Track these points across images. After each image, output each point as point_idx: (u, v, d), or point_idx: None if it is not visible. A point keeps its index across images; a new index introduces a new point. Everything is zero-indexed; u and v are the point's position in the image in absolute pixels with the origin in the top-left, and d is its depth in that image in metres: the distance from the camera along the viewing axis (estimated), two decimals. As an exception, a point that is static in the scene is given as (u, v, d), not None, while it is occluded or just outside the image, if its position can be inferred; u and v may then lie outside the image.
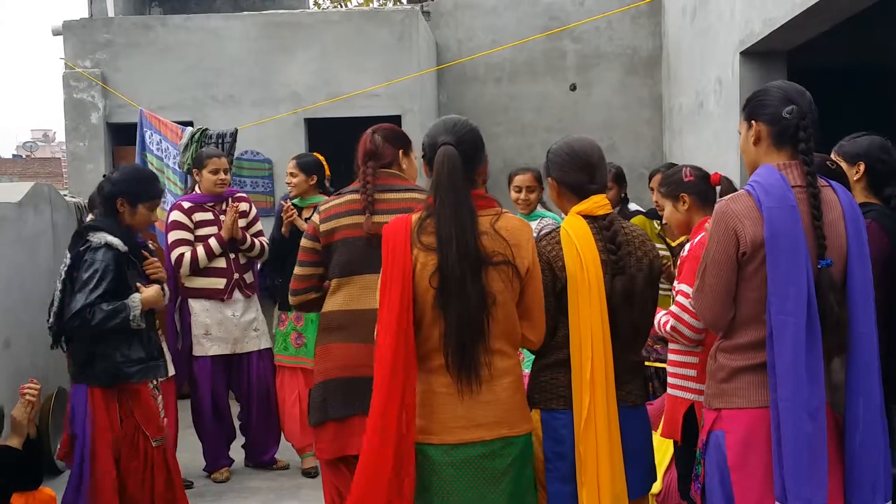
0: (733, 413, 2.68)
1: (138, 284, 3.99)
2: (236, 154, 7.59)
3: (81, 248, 3.92)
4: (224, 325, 5.42)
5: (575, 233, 2.93)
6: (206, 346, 5.42)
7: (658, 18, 9.39)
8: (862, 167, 3.35)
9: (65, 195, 6.79)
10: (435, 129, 2.80)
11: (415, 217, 2.74)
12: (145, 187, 4.06)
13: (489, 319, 2.64)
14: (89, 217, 4.96)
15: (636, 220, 5.21)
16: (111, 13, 8.91)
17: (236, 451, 5.74)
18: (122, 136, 7.94)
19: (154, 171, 6.76)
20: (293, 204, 5.53)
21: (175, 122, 7.15)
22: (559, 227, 3.01)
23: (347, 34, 7.87)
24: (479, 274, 2.62)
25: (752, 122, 2.75)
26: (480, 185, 2.95)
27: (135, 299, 3.88)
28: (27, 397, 3.70)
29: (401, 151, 3.54)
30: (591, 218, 2.98)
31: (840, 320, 2.58)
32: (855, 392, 2.65)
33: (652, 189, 5.19)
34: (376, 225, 3.21)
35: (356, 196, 3.43)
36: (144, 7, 9.98)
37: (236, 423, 5.74)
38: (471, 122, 2.83)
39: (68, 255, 3.96)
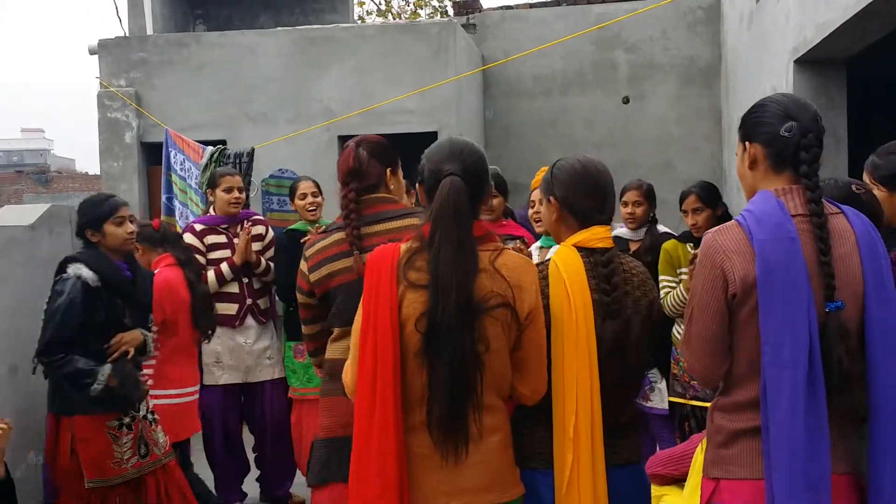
0: (733, 484, 2.27)
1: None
2: (268, 172, 7.42)
3: (56, 279, 3.89)
4: (236, 353, 5.18)
5: (566, 267, 2.57)
6: (216, 375, 5.18)
7: (717, 26, 8.91)
8: None
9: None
10: (438, 153, 2.44)
11: (404, 246, 2.41)
12: (98, 208, 3.97)
13: (482, 372, 2.29)
14: None
15: (668, 244, 4.77)
16: (150, 31, 8.83)
17: (251, 485, 5.48)
18: (157, 155, 7.79)
19: (178, 191, 6.61)
20: (294, 230, 5.28)
21: (209, 140, 6.99)
22: (548, 259, 2.65)
23: (383, 48, 7.61)
24: (474, 322, 2.27)
25: (747, 143, 2.35)
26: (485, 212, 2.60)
27: (104, 372, 3.80)
28: None
29: (388, 170, 3.11)
30: (587, 251, 2.62)
31: (850, 375, 2.15)
32: (881, 459, 2.21)
33: (685, 212, 4.75)
34: None
35: (342, 235, 3.00)
36: (188, 23, 9.90)
37: (251, 456, 5.49)
38: (478, 148, 2.48)
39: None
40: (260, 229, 5.34)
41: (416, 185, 2.51)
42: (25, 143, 51.34)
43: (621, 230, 5.02)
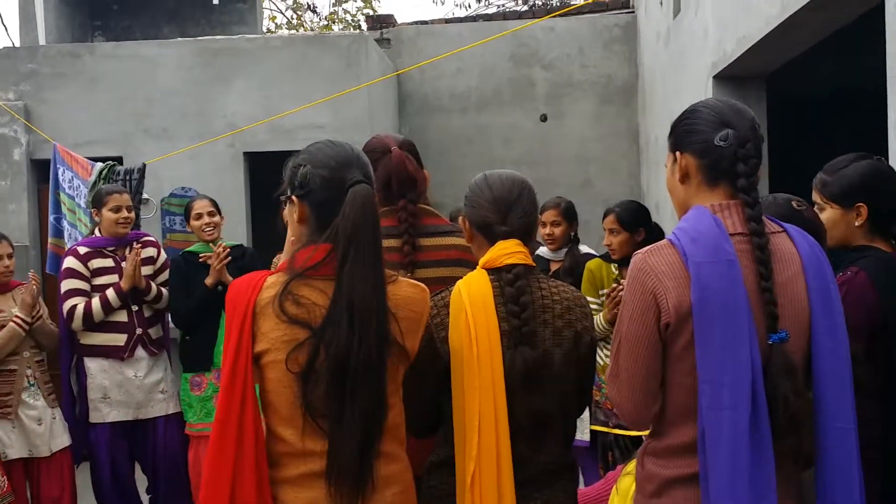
0: (665, 540, 2.00)
1: None
2: (170, 191, 6.98)
3: None
4: (124, 388, 4.73)
5: (469, 292, 2.27)
6: (103, 412, 4.73)
7: (633, 44, 8.79)
8: (864, 210, 2.55)
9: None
10: (333, 158, 2.06)
11: (271, 278, 2.05)
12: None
13: (385, 417, 1.99)
14: None
15: (592, 263, 4.52)
16: (42, 41, 8.30)
17: (144, 530, 5.03)
18: (47, 173, 7.25)
19: (67, 211, 6.13)
20: (191, 252, 4.91)
21: (104, 157, 6.52)
22: (453, 285, 2.35)
23: (290, 61, 7.25)
24: (382, 367, 1.96)
25: (678, 153, 2.08)
26: None
27: None
28: None
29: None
30: (496, 272, 2.32)
31: (797, 415, 1.88)
32: (828, 508, 1.96)
33: (607, 230, 4.50)
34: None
35: (395, 243, 2.62)
36: (86, 35, 9.37)
37: (145, 499, 5.04)
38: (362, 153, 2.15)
39: None
40: (151, 252, 4.92)
41: (288, 198, 2.14)
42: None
43: (542, 250, 4.80)
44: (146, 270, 4.83)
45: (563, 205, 4.73)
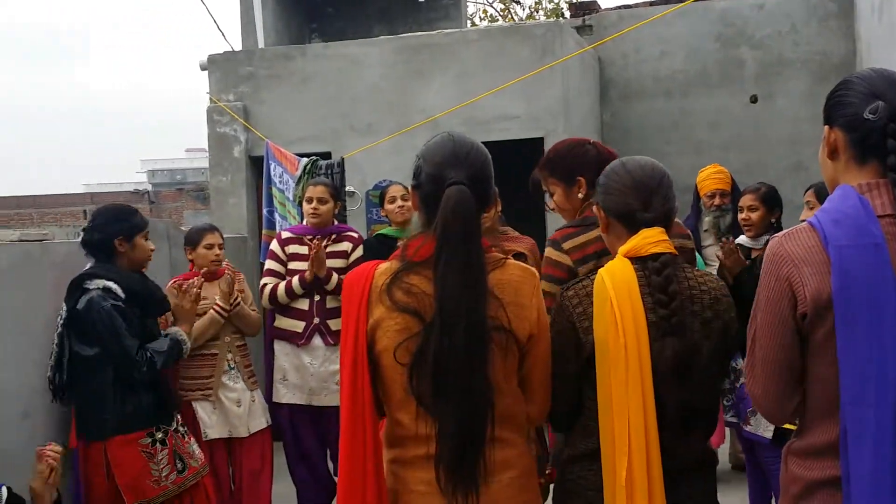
0: (814, 547, 1.87)
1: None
2: (373, 184, 7.28)
3: (79, 298, 3.82)
4: (300, 373, 4.97)
5: (614, 281, 2.21)
6: (281, 393, 5.02)
7: (850, 19, 8.19)
8: None
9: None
10: (440, 154, 2.12)
11: (383, 266, 2.13)
12: (133, 220, 3.91)
13: (492, 410, 2.00)
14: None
15: None
16: (261, 44, 8.87)
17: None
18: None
19: (278, 204, 6.54)
20: (384, 235, 5.05)
21: (313, 153, 6.90)
22: (595, 273, 2.30)
23: (486, 53, 7.34)
24: (485, 356, 1.98)
25: (827, 127, 1.94)
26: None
27: (179, 332, 3.89)
28: (48, 461, 3.41)
29: None
30: (640, 261, 2.25)
31: None
32: None
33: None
34: None
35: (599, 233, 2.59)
36: (303, 37, 9.92)
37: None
38: (483, 149, 2.17)
39: (65, 307, 3.86)
40: (345, 245, 5.08)
41: (411, 187, 2.20)
42: (189, 163, 53.69)
43: (742, 238, 4.64)
44: (337, 263, 4.99)
45: (763, 190, 4.55)
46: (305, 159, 6.37)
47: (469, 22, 14.57)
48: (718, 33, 8.52)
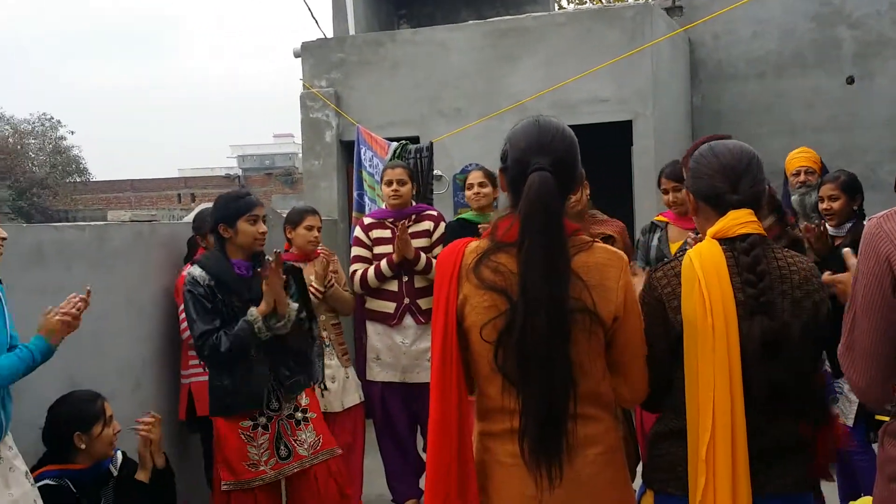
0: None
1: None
2: (460, 167, 7.38)
3: None
4: (393, 352, 5.10)
5: (702, 262, 2.25)
6: (374, 371, 5.16)
7: (956, -7, 7.93)
8: None
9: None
10: (525, 139, 2.15)
11: (473, 244, 2.21)
12: (234, 204, 3.91)
13: (575, 388, 2.05)
14: None
15: None
16: (352, 31, 9.03)
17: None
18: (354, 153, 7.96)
19: (368, 188, 6.68)
20: (465, 219, 5.13)
21: (401, 137, 7.03)
22: (683, 254, 2.35)
23: (575, 36, 7.34)
24: (566, 336, 2.03)
25: None
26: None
27: (252, 312, 3.79)
28: (141, 433, 3.63)
29: None
30: (729, 242, 2.29)
31: None
32: None
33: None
34: None
35: None
36: (392, 24, 10.06)
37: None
38: (569, 132, 2.19)
39: None
40: (427, 225, 5.19)
41: (499, 170, 2.27)
42: (277, 148, 54.71)
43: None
44: (421, 242, 5.09)
45: (843, 178, 4.49)
46: (395, 143, 6.49)
47: (557, 5, 14.50)
48: (814, 13, 8.34)
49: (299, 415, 4.05)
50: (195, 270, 3.86)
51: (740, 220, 2.27)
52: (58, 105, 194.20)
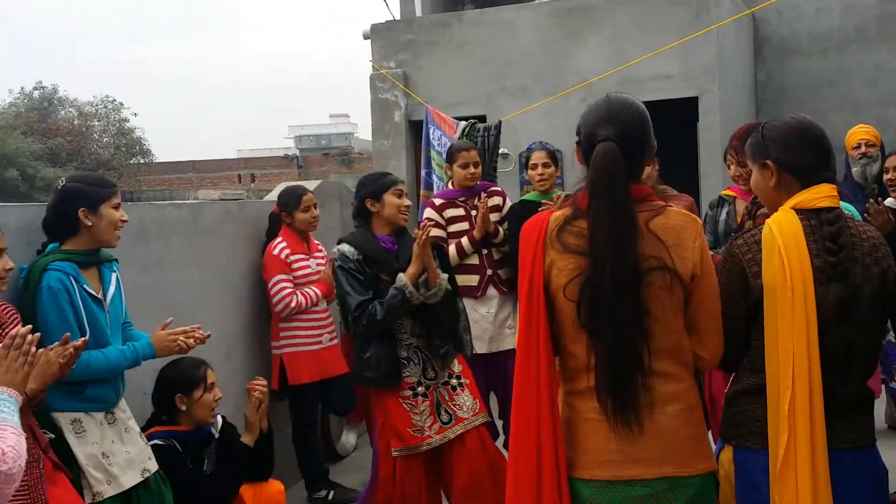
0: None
1: None
2: (526, 146, 7.51)
3: None
4: (479, 324, 5.26)
5: (781, 230, 2.39)
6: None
7: None
8: None
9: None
10: (596, 113, 2.30)
11: (557, 213, 2.38)
12: (380, 180, 4.09)
13: (647, 341, 2.20)
14: None
15: None
16: (419, 13, 9.20)
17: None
18: (422, 133, 8.13)
19: (436, 166, 6.87)
20: (526, 201, 5.28)
21: (468, 116, 7.19)
22: (762, 223, 2.49)
23: (641, 14, 7.42)
24: (635, 291, 2.18)
25: None
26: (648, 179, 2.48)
27: (400, 278, 3.92)
28: (255, 395, 3.85)
29: None
30: (807, 213, 2.43)
31: None
32: None
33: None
34: None
35: None
36: (457, 5, 10.19)
37: (499, 424, 5.61)
38: (638, 107, 2.32)
39: None
40: (497, 200, 5.36)
41: (575, 144, 2.42)
42: (333, 128, 55.25)
43: (889, 200, 4.65)
44: (493, 217, 5.25)
45: None
46: (464, 122, 6.66)
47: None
48: (880, -14, 8.30)
49: (454, 381, 4.17)
50: (344, 247, 4.02)
51: (825, 194, 2.40)
52: (120, 87, 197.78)
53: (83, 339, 2.95)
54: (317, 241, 5.12)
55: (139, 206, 4.15)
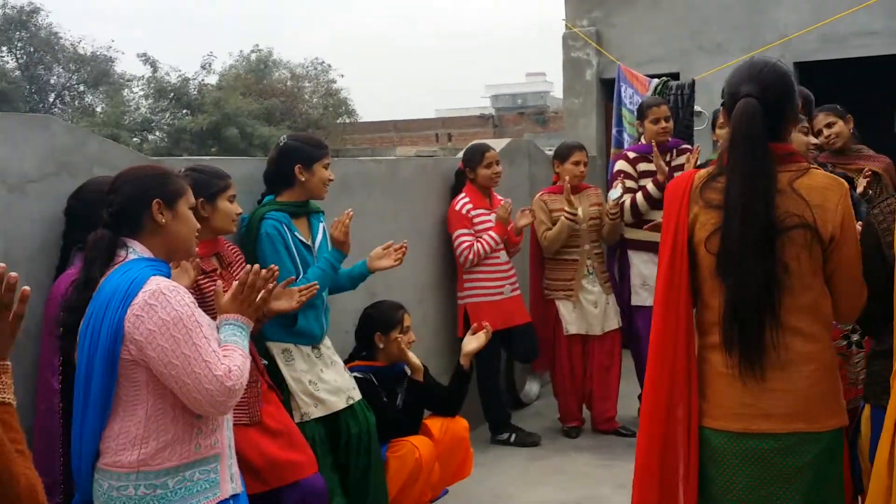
0: None
1: None
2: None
3: None
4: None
5: None
6: (642, 297, 5.46)
7: None
8: None
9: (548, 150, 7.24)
10: (738, 74, 2.41)
11: (702, 171, 2.49)
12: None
13: (780, 293, 2.28)
14: None
15: None
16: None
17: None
18: (613, 91, 8.16)
19: (627, 124, 6.94)
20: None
21: (661, 74, 7.19)
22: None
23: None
24: (765, 244, 2.26)
25: None
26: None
27: None
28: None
29: None
30: None
31: None
32: None
33: None
34: None
35: None
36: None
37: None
38: (780, 66, 2.41)
39: None
40: (682, 160, 5.45)
41: (721, 107, 2.51)
42: (529, 87, 55.40)
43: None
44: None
45: None
46: (656, 80, 6.69)
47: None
48: None
49: None
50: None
51: None
52: (326, 50, 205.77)
53: (291, 277, 3.34)
54: (500, 197, 5.36)
55: (344, 161, 4.54)
